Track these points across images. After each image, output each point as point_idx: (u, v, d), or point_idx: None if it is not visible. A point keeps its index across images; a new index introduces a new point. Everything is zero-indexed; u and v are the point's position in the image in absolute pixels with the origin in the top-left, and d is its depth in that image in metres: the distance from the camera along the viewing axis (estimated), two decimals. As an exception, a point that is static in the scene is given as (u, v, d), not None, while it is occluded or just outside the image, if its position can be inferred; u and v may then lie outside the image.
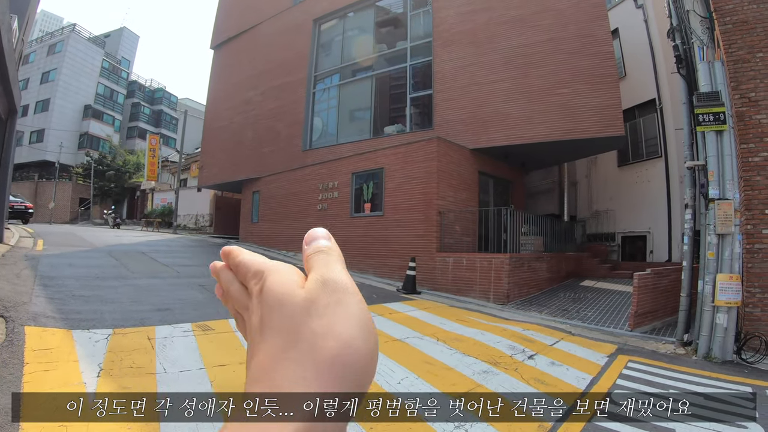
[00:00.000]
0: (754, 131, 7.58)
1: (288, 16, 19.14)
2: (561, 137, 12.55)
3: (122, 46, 51.54)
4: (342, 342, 0.34)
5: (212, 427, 3.40)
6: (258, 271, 0.39)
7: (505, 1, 13.84)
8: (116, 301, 7.36)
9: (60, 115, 41.47)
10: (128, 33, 54.21)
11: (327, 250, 0.41)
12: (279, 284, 0.37)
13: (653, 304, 8.89)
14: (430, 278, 11.83)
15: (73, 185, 40.43)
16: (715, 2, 8.15)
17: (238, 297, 0.41)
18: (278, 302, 0.36)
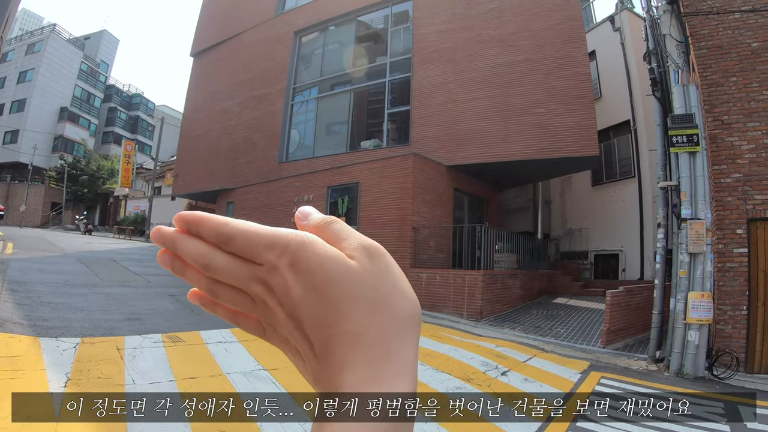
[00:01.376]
0: (726, 153, 7.80)
1: (269, 27, 19.12)
2: (536, 156, 12.71)
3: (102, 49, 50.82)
4: (409, 300, 0.37)
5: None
6: (274, 241, 0.36)
7: (484, 21, 14.04)
8: (86, 309, 7.28)
9: (35, 116, 40.61)
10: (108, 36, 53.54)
11: (337, 220, 0.40)
12: (326, 257, 0.36)
13: (625, 321, 9.02)
14: (403, 294, 11.79)
15: (46, 189, 39.53)
16: (692, 27, 8.41)
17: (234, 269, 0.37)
18: (337, 272, 0.35)
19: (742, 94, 7.92)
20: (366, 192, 13.17)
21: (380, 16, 16.95)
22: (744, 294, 7.32)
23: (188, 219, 0.37)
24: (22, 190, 37.50)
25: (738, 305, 7.33)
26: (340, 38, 17.85)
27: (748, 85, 7.91)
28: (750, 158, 7.67)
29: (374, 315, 0.35)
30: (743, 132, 7.80)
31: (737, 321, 7.30)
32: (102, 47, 51.14)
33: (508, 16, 13.81)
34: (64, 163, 38.69)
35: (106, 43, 52.51)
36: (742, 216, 7.54)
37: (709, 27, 8.33)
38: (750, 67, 7.95)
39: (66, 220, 37.50)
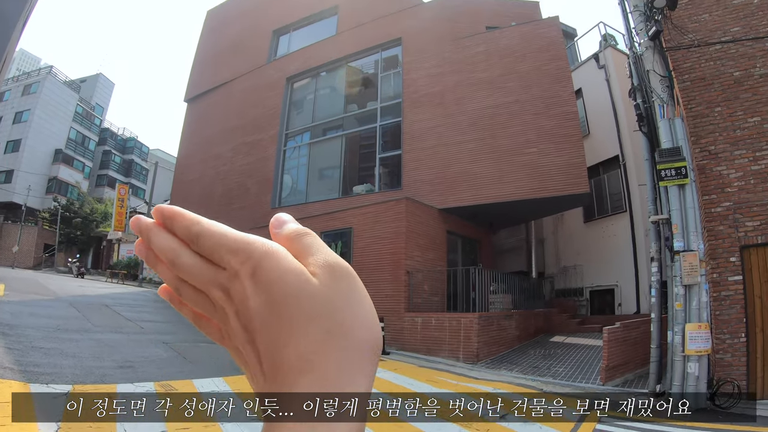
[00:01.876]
0: (715, 183, 7.89)
1: (262, 73, 19.46)
2: (527, 196, 12.83)
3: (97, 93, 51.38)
4: (369, 329, 0.35)
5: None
6: (239, 247, 0.35)
7: (472, 65, 14.37)
8: (77, 355, 7.21)
9: (30, 156, 40.60)
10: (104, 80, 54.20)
11: (312, 233, 0.38)
12: (288, 270, 0.34)
13: (624, 356, 8.92)
14: (399, 338, 11.71)
15: (39, 230, 39.28)
16: (674, 61, 8.62)
17: (198, 271, 0.36)
18: (295, 289, 0.34)
19: (728, 123, 8.07)
20: (359, 237, 13.18)
21: (370, 61, 17.33)
22: (741, 321, 7.30)
23: (164, 212, 0.37)
24: (15, 231, 37.26)
25: (736, 333, 7.30)
26: (331, 83, 18.19)
27: (732, 114, 8.07)
28: (739, 186, 7.75)
29: (329, 341, 0.33)
30: (731, 161, 7.90)
31: (736, 349, 7.26)
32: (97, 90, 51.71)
33: (496, 59, 14.15)
34: (58, 205, 38.56)
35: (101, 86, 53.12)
36: (734, 244, 7.57)
37: (692, 60, 8.56)
38: (733, 96, 8.13)
39: (59, 262, 37.16)
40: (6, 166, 39.89)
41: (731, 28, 8.45)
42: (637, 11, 8.86)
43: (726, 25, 8.52)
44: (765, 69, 8.01)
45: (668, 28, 8.54)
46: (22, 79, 44.54)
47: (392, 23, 16.31)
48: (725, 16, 8.57)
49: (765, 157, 7.69)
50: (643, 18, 8.61)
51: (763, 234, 7.41)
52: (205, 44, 22.90)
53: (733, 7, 8.54)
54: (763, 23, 8.23)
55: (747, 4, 8.44)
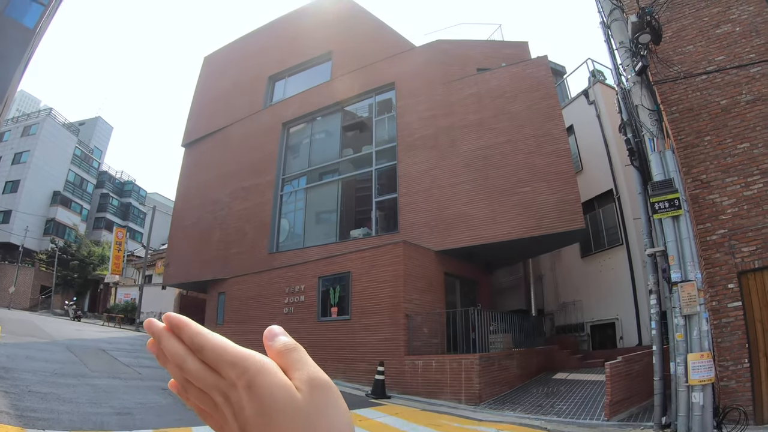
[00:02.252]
0: (708, 211, 7.93)
1: (258, 118, 19.77)
2: (523, 235, 12.87)
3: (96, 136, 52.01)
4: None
5: None
6: (237, 362, 0.41)
7: (464, 107, 14.63)
8: (74, 401, 7.07)
9: (28, 198, 40.72)
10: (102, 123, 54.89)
11: (299, 348, 0.44)
12: (277, 387, 0.40)
13: (628, 390, 8.82)
14: (399, 382, 11.57)
15: (36, 272, 39.08)
16: (662, 94, 8.76)
17: (202, 376, 0.42)
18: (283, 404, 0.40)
19: (718, 152, 8.15)
20: (357, 281, 13.18)
21: (365, 105, 17.64)
22: (744, 347, 7.24)
23: (173, 321, 0.43)
24: (12, 272, 37.04)
25: (739, 359, 7.23)
26: (327, 128, 18.48)
27: (722, 142, 8.16)
28: (733, 212, 7.78)
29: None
30: (723, 188, 7.96)
31: (740, 375, 7.18)
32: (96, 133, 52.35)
33: (487, 100, 14.41)
34: (55, 247, 38.49)
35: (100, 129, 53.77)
36: (732, 270, 7.56)
37: (679, 91, 8.71)
38: (722, 124, 8.24)
39: (55, 304, 36.82)
40: (4, 207, 40.03)
41: (715, 57, 8.63)
42: (623, 47, 9.01)
43: (710, 55, 8.70)
44: (751, 95, 8.15)
45: (654, 62, 8.73)
46: (22, 120, 45.09)
47: (385, 68, 16.70)
48: (709, 47, 8.77)
49: (756, 182, 7.76)
50: (629, 54, 8.74)
51: (760, 258, 7.43)
52: (202, 90, 23.32)
53: (716, 37, 8.74)
54: (746, 50, 8.41)
55: (729, 33, 8.65)
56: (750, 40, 8.46)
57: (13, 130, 43.05)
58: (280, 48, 20.30)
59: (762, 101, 8.09)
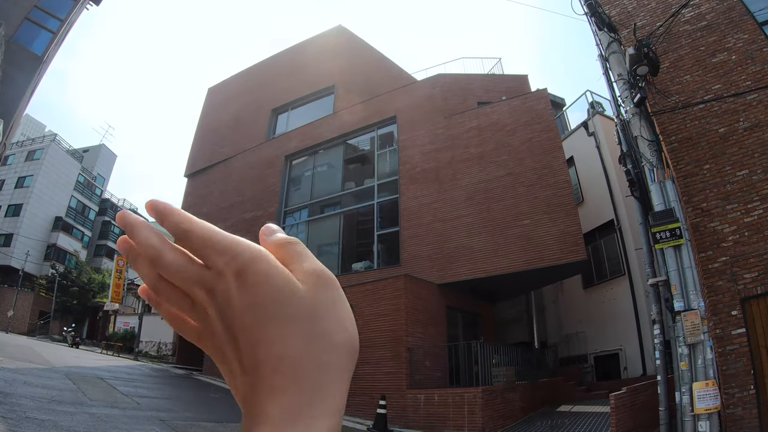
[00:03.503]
0: (710, 239, 7.91)
1: (261, 151, 19.96)
2: (524, 268, 12.88)
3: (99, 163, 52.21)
4: (350, 334, 0.38)
5: None
6: (228, 247, 0.35)
7: (466, 141, 14.80)
8: (72, 429, 7.01)
9: (30, 222, 40.75)
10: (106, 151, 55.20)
11: (299, 243, 0.40)
12: (276, 275, 0.35)
13: (633, 421, 8.71)
14: (401, 416, 11.45)
15: (35, 296, 38.80)
16: (660, 124, 8.83)
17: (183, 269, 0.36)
18: (282, 293, 0.35)
19: (717, 180, 8.17)
20: (359, 314, 13.11)
21: (367, 138, 17.85)
22: (749, 374, 7.16)
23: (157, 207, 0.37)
24: (11, 296, 36.78)
25: (745, 386, 7.14)
26: (329, 161, 18.65)
27: (721, 170, 8.18)
28: (734, 239, 7.77)
29: (311, 344, 0.35)
30: (723, 215, 7.96)
31: (747, 402, 7.09)
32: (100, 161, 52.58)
33: (488, 134, 14.58)
34: (56, 273, 38.33)
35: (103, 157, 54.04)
36: (735, 297, 7.52)
37: (677, 121, 8.78)
38: (720, 152, 8.27)
39: (53, 330, 36.50)
40: (5, 230, 39.99)
41: (713, 86, 8.71)
42: (621, 80, 9.11)
43: (707, 84, 8.78)
44: (748, 122, 8.20)
45: (652, 93, 8.82)
46: (27, 144, 45.28)
47: (387, 101, 16.94)
48: (705, 75, 8.86)
49: (756, 208, 7.77)
50: (627, 86, 8.81)
51: (762, 284, 7.40)
52: (205, 121, 23.58)
53: (713, 66, 8.84)
54: (742, 78, 8.49)
55: (725, 62, 8.75)
56: (746, 67, 8.56)
57: (17, 154, 43.23)
58: (283, 81, 20.62)
59: (759, 128, 8.14)
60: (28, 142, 46.47)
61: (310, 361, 0.35)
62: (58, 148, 44.93)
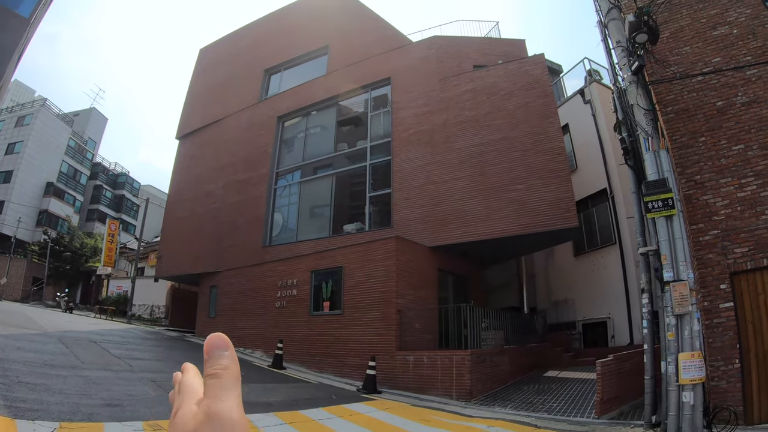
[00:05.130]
0: (702, 211, 7.95)
1: (253, 112, 19.68)
2: (516, 232, 12.88)
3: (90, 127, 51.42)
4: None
5: None
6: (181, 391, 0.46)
7: (460, 104, 14.60)
8: (64, 392, 7.01)
9: (21, 189, 40.37)
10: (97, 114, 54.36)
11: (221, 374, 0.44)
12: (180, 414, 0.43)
13: (618, 389, 8.84)
14: (391, 377, 11.54)
15: (28, 263, 38.75)
16: (657, 94, 8.76)
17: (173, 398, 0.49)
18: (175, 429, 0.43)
19: (712, 153, 8.16)
20: (350, 276, 13.15)
21: (360, 100, 17.58)
22: (735, 347, 7.27)
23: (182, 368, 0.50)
24: (4, 263, 36.73)
25: (730, 359, 7.26)
26: (322, 122, 18.40)
27: (717, 143, 8.17)
28: (726, 213, 7.81)
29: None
30: (716, 189, 7.98)
31: (731, 375, 7.21)
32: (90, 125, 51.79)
33: (483, 97, 14.39)
34: (48, 239, 38.16)
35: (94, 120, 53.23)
36: (724, 271, 7.59)
37: (674, 92, 8.72)
38: (717, 125, 8.25)
39: (47, 296, 36.62)
40: (-4, 197, 39.67)
41: (712, 59, 8.64)
42: (619, 47, 8.97)
43: (707, 56, 8.71)
44: (746, 97, 8.16)
45: (650, 63, 8.71)
46: (16, 110, 44.60)
47: (381, 63, 16.64)
48: (706, 48, 8.77)
49: (750, 183, 7.78)
50: (625, 54, 8.69)
51: (752, 260, 7.46)
52: (197, 82, 23.18)
53: (713, 39, 8.75)
54: (742, 52, 8.42)
55: (726, 35, 8.66)
56: (747, 42, 8.47)
57: (6, 120, 42.60)
58: (277, 41, 20.21)
59: (757, 103, 8.09)
60: (17, 107, 45.68)
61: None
62: (48, 112, 44.19)
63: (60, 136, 44.63)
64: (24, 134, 41.79)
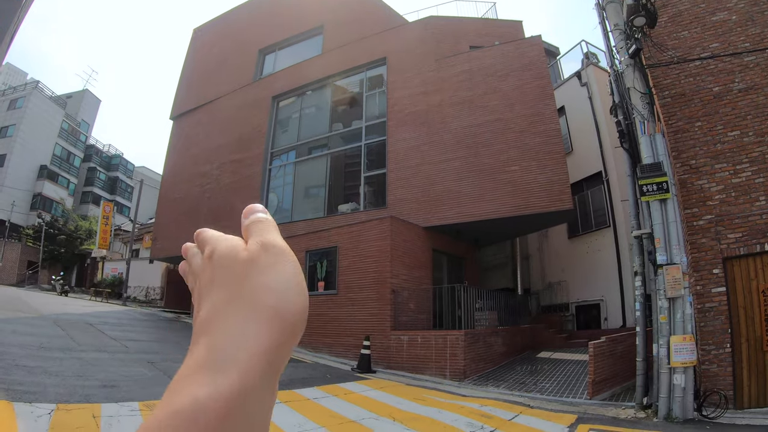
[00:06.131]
0: (696, 196, 8.01)
1: (247, 91, 19.50)
2: (511, 213, 12.90)
3: (83, 109, 50.81)
4: (279, 295, 0.38)
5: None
6: (210, 238, 0.44)
7: (456, 84, 14.52)
8: (61, 374, 7.06)
9: (15, 172, 40.06)
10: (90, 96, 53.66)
11: (263, 220, 0.44)
12: (226, 247, 0.42)
13: (610, 370, 8.96)
14: (385, 357, 11.62)
15: (22, 247, 38.59)
16: (654, 78, 8.77)
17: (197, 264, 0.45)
18: (225, 262, 0.41)
19: (708, 138, 8.21)
20: (344, 256, 13.16)
21: (356, 80, 17.44)
22: (726, 332, 7.36)
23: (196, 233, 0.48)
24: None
25: (721, 344, 7.35)
26: (316, 102, 18.27)
27: (712, 129, 8.22)
28: (720, 199, 7.87)
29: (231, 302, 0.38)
30: (711, 174, 8.03)
31: (722, 359, 7.31)
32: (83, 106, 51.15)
33: (479, 78, 14.29)
34: (42, 222, 38.03)
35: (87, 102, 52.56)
36: (717, 256, 7.66)
37: (671, 76, 8.73)
38: (713, 110, 8.28)
39: (42, 279, 36.58)
40: (-10, 181, 39.37)
41: (710, 44, 8.63)
42: (617, 30, 8.98)
43: (705, 41, 8.70)
44: (744, 84, 8.18)
45: (648, 46, 8.70)
46: (8, 93, 44.11)
47: (377, 43, 16.48)
48: (704, 33, 8.76)
49: (745, 170, 7.83)
50: (623, 36, 8.71)
51: (746, 245, 7.52)
52: (191, 62, 22.93)
53: (712, 24, 8.72)
54: (741, 39, 8.41)
55: (725, 21, 8.64)
56: (745, 28, 8.45)
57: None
58: (271, 21, 19.97)
59: (754, 90, 8.11)
60: (9, 90, 45.14)
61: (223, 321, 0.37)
62: (40, 95, 43.70)
63: (53, 119, 44.20)
64: (16, 117, 41.39)
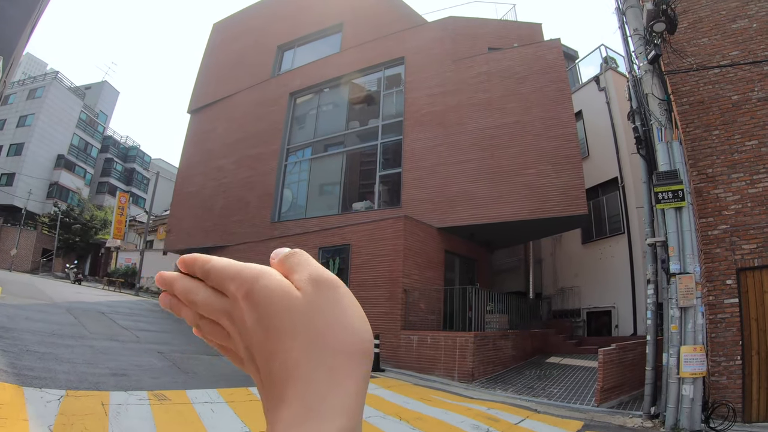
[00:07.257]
0: (712, 206, 7.92)
1: (265, 87, 19.59)
2: (526, 217, 12.85)
3: (101, 100, 51.46)
4: (354, 333, 0.37)
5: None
6: (237, 274, 0.38)
7: (474, 86, 14.48)
8: (71, 361, 7.15)
9: (32, 161, 40.68)
10: (108, 87, 54.31)
11: (298, 252, 0.41)
12: (274, 287, 0.38)
13: (619, 378, 8.90)
14: (394, 356, 11.65)
15: (38, 235, 39.24)
16: (673, 85, 8.68)
17: (210, 302, 0.40)
18: (280, 304, 0.37)
19: (725, 147, 8.12)
20: (357, 254, 13.20)
21: (373, 78, 17.46)
22: (737, 344, 7.28)
23: (185, 260, 0.42)
24: (14, 234, 37.25)
25: (732, 356, 7.28)
26: (334, 100, 18.32)
27: (730, 138, 8.12)
28: (736, 209, 7.78)
29: (309, 349, 0.36)
30: (728, 184, 7.94)
31: (732, 371, 7.24)
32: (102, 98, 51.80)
33: (497, 80, 14.25)
34: (58, 211, 38.54)
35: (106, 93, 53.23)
36: (731, 266, 7.58)
37: (690, 83, 8.64)
38: (731, 119, 8.19)
39: (56, 267, 37.12)
40: (8, 169, 39.97)
41: (730, 52, 8.55)
42: (636, 35, 8.90)
43: (725, 49, 8.61)
44: (763, 93, 8.08)
45: (667, 52, 8.61)
46: (28, 83, 44.74)
47: (395, 42, 16.49)
48: (724, 41, 8.67)
49: (762, 180, 7.74)
50: (642, 42, 8.62)
51: (760, 257, 7.43)
52: (210, 57, 23.09)
53: (732, 32, 8.63)
54: (761, 47, 8.31)
55: (746, 29, 8.54)
56: (766, 37, 8.35)
57: (18, 93, 42.76)
58: (291, 17, 20.04)
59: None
60: (29, 80, 45.82)
61: (309, 366, 0.35)
62: (59, 85, 44.29)
63: (71, 109, 44.79)
64: (35, 107, 41.97)
